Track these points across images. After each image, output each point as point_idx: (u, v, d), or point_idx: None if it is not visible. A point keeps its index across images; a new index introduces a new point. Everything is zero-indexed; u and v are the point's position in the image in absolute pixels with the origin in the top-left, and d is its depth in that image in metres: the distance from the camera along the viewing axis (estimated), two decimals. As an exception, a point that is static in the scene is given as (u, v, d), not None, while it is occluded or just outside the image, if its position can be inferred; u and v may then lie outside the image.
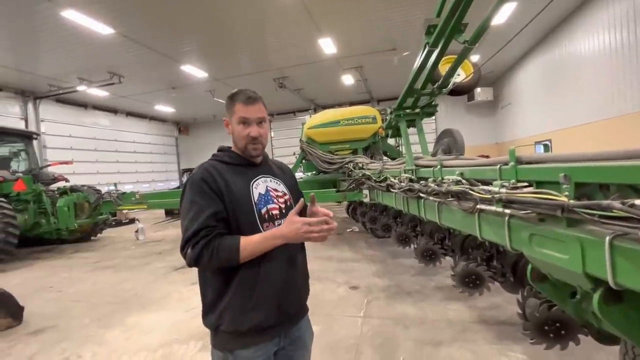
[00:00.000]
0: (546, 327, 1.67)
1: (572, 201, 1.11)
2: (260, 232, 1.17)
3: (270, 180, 1.30)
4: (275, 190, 1.29)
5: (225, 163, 1.25)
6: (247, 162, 1.28)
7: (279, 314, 1.20)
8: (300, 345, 1.30)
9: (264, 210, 1.21)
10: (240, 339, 1.15)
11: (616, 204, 0.92)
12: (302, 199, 1.20)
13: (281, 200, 1.29)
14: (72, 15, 7.33)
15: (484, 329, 2.81)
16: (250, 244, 1.10)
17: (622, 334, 1.14)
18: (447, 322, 3.00)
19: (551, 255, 1.22)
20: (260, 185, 1.26)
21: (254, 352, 1.16)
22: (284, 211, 1.27)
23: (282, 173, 1.39)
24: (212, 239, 1.08)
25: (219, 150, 1.33)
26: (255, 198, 1.21)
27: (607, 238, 0.96)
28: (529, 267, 1.50)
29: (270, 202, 1.25)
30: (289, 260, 1.25)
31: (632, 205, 0.88)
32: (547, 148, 11.06)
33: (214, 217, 1.11)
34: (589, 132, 8.60)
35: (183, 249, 1.10)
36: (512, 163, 1.50)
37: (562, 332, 1.65)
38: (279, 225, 1.23)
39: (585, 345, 1.70)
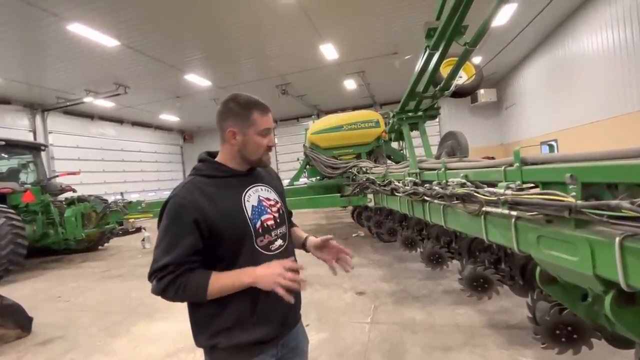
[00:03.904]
0: (557, 331, 1.63)
1: (579, 202, 1.09)
2: (255, 247, 1.14)
3: (262, 189, 1.24)
4: (267, 199, 1.23)
5: (211, 177, 1.16)
6: (235, 172, 1.20)
7: (281, 327, 1.19)
8: (299, 352, 1.28)
9: (258, 224, 1.16)
10: (239, 353, 1.12)
11: (625, 203, 0.90)
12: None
13: (274, 209, 1.24)
14: (78, 29, 7.49)
15: (494, 334, 2.76)
16: (218, 282, 1.06)
17: (637, 337, 1.11)
18: (456, 326, 2.95)
19: (560, 257, 1.19)
20: (252, 197, 1.19)
21: None
22: (278, 220, 1.23)
23: (270, 177, 1.33)
24: (179, 275, 1.04)
25: (200, 161, 1.22)
26: (249, 213, 1.15)
27: (617, 239, 0.94)
28: (538, 269, 1.48)
29: (264, 213, 1.19)
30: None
31: (641, 205, 0.86)
32: (552, 148, 10.94)
33: (187, 250, 1.05)
34: (596, 131, 8.49)
35: (149, 277, 1.08)
36: (517, 164, 1.48)
37: (574, 336, 1.62)
38: (275, 236, 1.21)
39: (599, 349, 1.65)
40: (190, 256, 1.06)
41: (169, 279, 1.04)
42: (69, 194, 8.24)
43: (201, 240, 1.08)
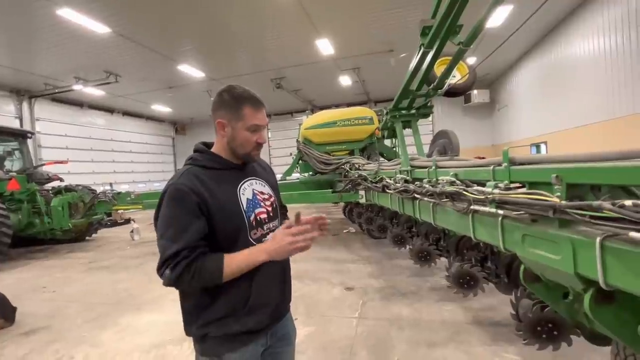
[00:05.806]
0: (539, 328, 1.68)
1: (563, 202, 1.11)
2: (249, 239, 1.15)
3: (256, 183, 1.25)
4: (262, 193, 1.25)
5: (207, 168, 1.16)
6: (232, 165, 1.21)
7: (272, 318, 1.21)
8: (287, 342, 1.30)
9: (252, 217, 1.18)
10: (230, 342, 1.13)
11: (607, 204, 0.93)
12: (288, 220, 1.16)
13: (267, 203, 1.25)
14: (68, 14, 7.30)
15: (478, 330, 2.81)
16: (233, 262, 1.06)
17: (613, 334, 1.14)
18: (442, 323, 3.00)
19: (543, 256, 1.22)
20: (247, 190, 1.20)
21: (241, 355, 1.14)
22: (271, 214, 1.25)
23: (264, 171, 1.34)
24: (193, 260, 1.02)
25: (195, 151, 1.22)
26: (244, 205, 1.16)
27: (598, 239, 0.97)
28: (522, 267, 1.51)
29: (258, 206, 1.21)
30: (283, 267, 1.25)
31: (622, 206, 0.88)
32: (538, 149, 11.21)
33: (197, 235, 1.04)
34: (585, 134, 8.66)
35: (160, 269, 1.03)
36: (505, 164, 1.50)
37: (555, 332, 1.66)
38: (267, 229, 1.22)
39: (578, 346, 1.70)
40: (200, 240, 1.05)
41: (183, 265, 1.01)
42: (56, 183, 8.09)
43: (208, 225, 1.07)
